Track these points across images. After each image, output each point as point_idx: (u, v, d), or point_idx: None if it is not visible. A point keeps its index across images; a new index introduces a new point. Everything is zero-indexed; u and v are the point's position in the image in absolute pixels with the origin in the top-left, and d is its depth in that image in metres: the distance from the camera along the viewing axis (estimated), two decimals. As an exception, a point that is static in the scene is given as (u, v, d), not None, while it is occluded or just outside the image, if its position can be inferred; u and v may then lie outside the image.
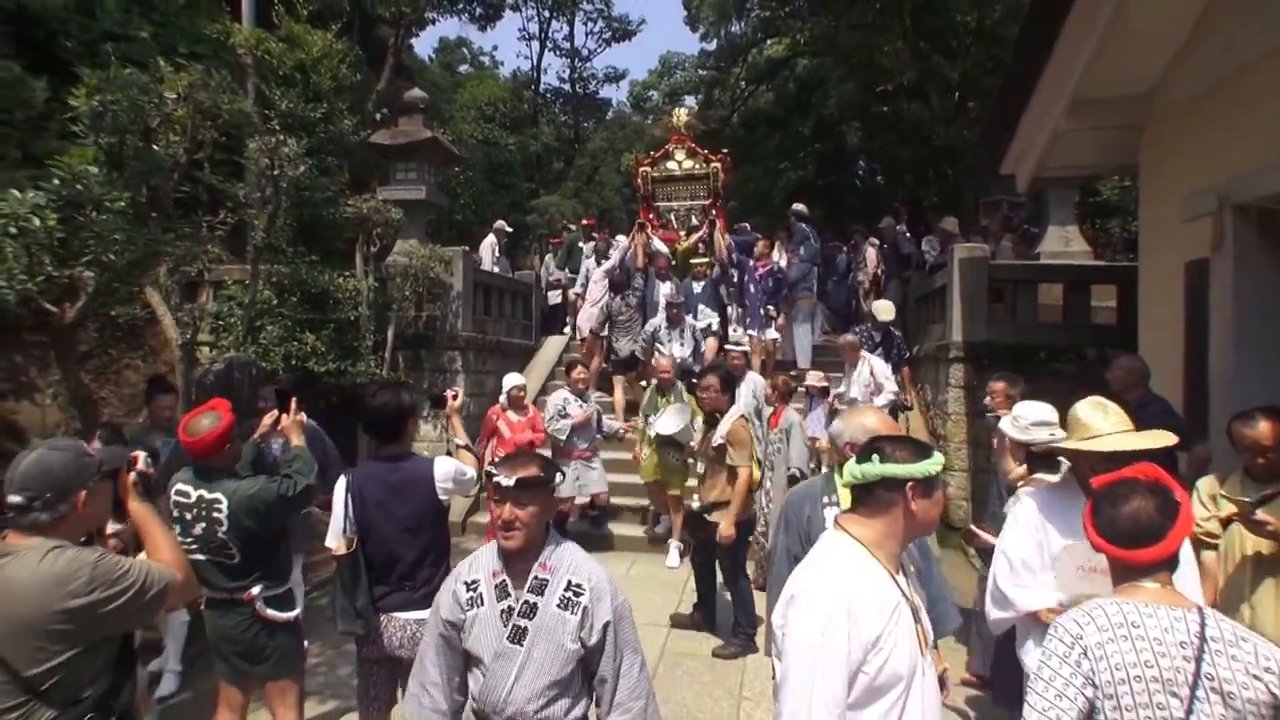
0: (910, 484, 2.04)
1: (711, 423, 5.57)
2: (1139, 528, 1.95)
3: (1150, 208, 6.37)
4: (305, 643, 3.78)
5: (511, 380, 7.66)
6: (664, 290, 10.03)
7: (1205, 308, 5.08)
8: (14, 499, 2.16)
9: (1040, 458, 3.72)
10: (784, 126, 25.34)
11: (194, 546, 3.24)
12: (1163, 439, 2.71)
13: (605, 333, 10.00)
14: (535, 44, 28.65)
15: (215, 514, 3.19)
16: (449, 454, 3.79)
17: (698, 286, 10.22)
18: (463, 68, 27.31)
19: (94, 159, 5.41)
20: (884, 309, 8.88)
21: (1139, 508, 1.97)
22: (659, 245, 10.87)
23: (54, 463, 2.19)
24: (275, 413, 3.62)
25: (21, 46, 10.29)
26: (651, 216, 11.76)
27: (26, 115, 9.36)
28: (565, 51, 29.38)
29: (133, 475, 2.47)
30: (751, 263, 10.60)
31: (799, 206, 12.71)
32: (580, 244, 13.78)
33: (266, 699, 3.54)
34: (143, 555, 2.42)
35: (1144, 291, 6.33)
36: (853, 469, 2.11)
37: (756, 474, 5.52)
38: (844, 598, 1.93)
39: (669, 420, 6.69)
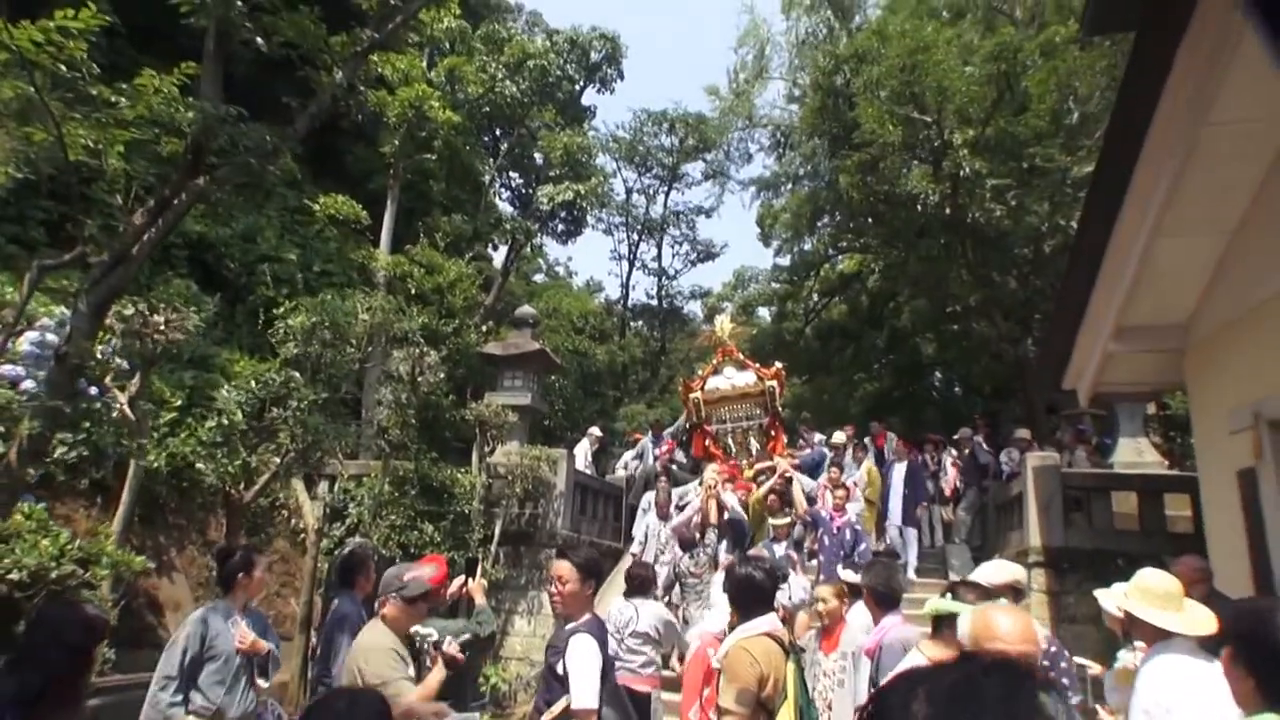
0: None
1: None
2: None
3: (1201, 421, 6.90)
4: None
5: None
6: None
7: (1261, 512, 5.54)
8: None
9: None
10: (858, 338, 25.70)
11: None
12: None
13: (675, 600, 8.88)
14: (624, 264, 30.58)
15: (426, 645, 3.91)
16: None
17: (779, 549, 8.74)
18: (537, 276, 29.39)
19: (282, 364, 6.58)
20: None
21: None
22: (733, 503, 9.74)
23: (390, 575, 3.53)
24: (463, 578, 4.44)
25: (194, 266, 12.25)
26: (708, 443, 11.23)
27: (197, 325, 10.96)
28: (653, 271, 30.91)
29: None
30: (825, 513, 9.30)
31: (834, 436, 12.19)
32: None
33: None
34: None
35: (1205, 499, 6.77)
36: (936, 605, 2.86)
37: None
38: None
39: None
